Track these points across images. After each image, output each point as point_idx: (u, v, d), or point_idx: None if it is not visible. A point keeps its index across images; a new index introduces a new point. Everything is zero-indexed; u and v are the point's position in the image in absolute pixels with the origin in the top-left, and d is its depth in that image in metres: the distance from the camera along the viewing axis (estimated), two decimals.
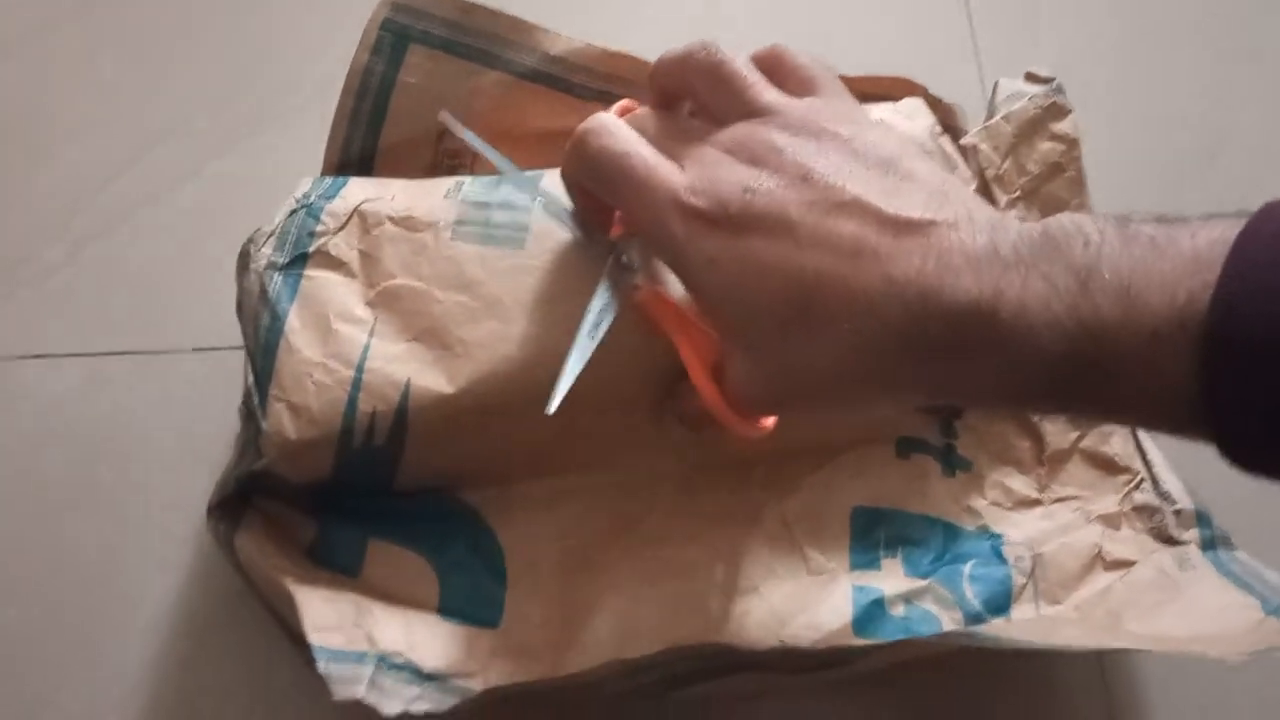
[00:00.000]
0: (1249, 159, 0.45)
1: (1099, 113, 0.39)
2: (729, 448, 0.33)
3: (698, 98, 0.30)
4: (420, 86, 0.33)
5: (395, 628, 0.30)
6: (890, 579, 0.32)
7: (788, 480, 0.34)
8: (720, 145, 0.28)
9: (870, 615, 0.31)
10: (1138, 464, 0.36)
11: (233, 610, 0.34)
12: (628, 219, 0.30)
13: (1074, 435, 0.36)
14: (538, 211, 0.32)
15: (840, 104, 0.29)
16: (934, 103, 0.37)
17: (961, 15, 0.48)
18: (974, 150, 0.36)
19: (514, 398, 0.29)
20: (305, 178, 0.34)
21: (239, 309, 0.32)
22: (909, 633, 0.31)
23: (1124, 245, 0.23)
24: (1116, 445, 0.36)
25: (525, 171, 0.32)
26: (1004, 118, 0.37)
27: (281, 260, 0.32)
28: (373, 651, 0.29)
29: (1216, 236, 0.22)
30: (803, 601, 0.31)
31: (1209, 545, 0.34)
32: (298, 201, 0.33)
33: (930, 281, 0.24)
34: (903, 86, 0.37)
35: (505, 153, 0.31)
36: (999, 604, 0.32)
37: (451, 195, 0.33)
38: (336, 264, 0.32)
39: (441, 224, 0.32)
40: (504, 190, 0.32)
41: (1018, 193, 0.37)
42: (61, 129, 0.42)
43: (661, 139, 0.29)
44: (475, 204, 0.32)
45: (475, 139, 0.31)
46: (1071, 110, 0.37)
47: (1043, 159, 0.37)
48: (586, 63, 0.35)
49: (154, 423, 0.37)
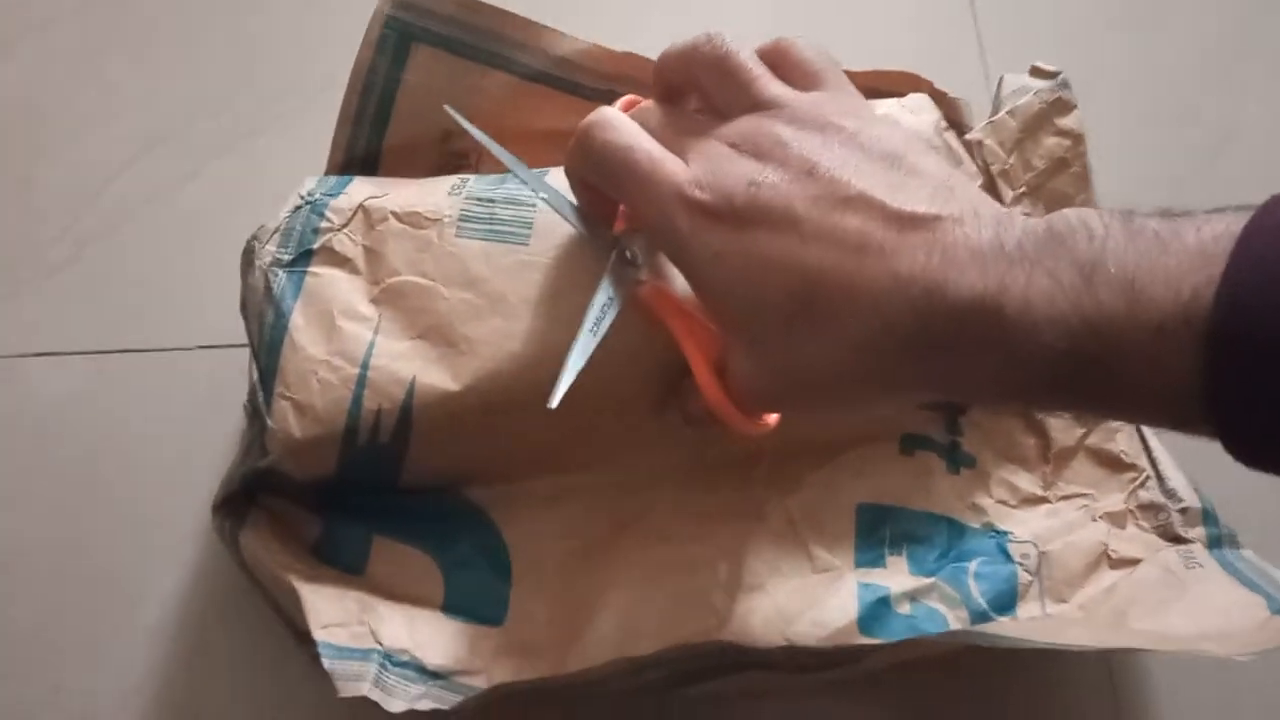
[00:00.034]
0: (1256, 154, 0.45)
1: (1105, 107, 0.39)
2: (732, 445, 0.33)
3: (703, 90, 0.29)
4: (425, 86, 0.33)
5: (400, 625, 0.30)
6: (896, 576, 0.32)
7: (791, 477, 0.34)
8: (725, 139, 0.27)
9: (876, 613, 0.31)
10: (1143, 461, 0.35)
11: (238, 607, 0.34)
12: (632, 214, 0.30)
13: (1080, 432, 0.36)
14: (542, 207, 0.31)
15: (845, 98, 0.29)
16: (939, 97, 0.37)
17: (966, 9, 0.47)
18: (979, 145, 0.36)
19: (519, 395, 0.29)
20: (310, 176, 0.34)
21: (243, 306, 0.32)
22: (915, 631, 0.31)
23: (1129, 240, 0.22)
24: (1122, 442, 0.36)
25: (530, 168, 0.32)
26: (1009, 112, 0.37)
27: (286, 257, 0.32)
28: (378, 649, 0.29)
29: (1221, 230, 0.21)
30: (808, 599, 0.31)
31: (1215, 543, 0.34)
32: (302, 198, 0.32)
33: (935, 277, 0.24)
34: (908, 81, 0.37)
35: (510, 150, 0.31)
36: (1005, 602, 0.32)
37: (456, 191, 0.32)
38: (341, 260, 0.32)
39: (446, 220, 0.32)
40: (508, 186, 0.32)
41: (1023, 188, 0.36)
42: (64, 128, 0.42)
43: (666, 133, 0.29)
44: (480, 200, 0.32)
45: (480, 133, 0.31)
46: (1076, 105, 0.37)
47: (1048, 154, 0.37)
48: (592, 63, 0.35)
49: (158, 420, 0.37)
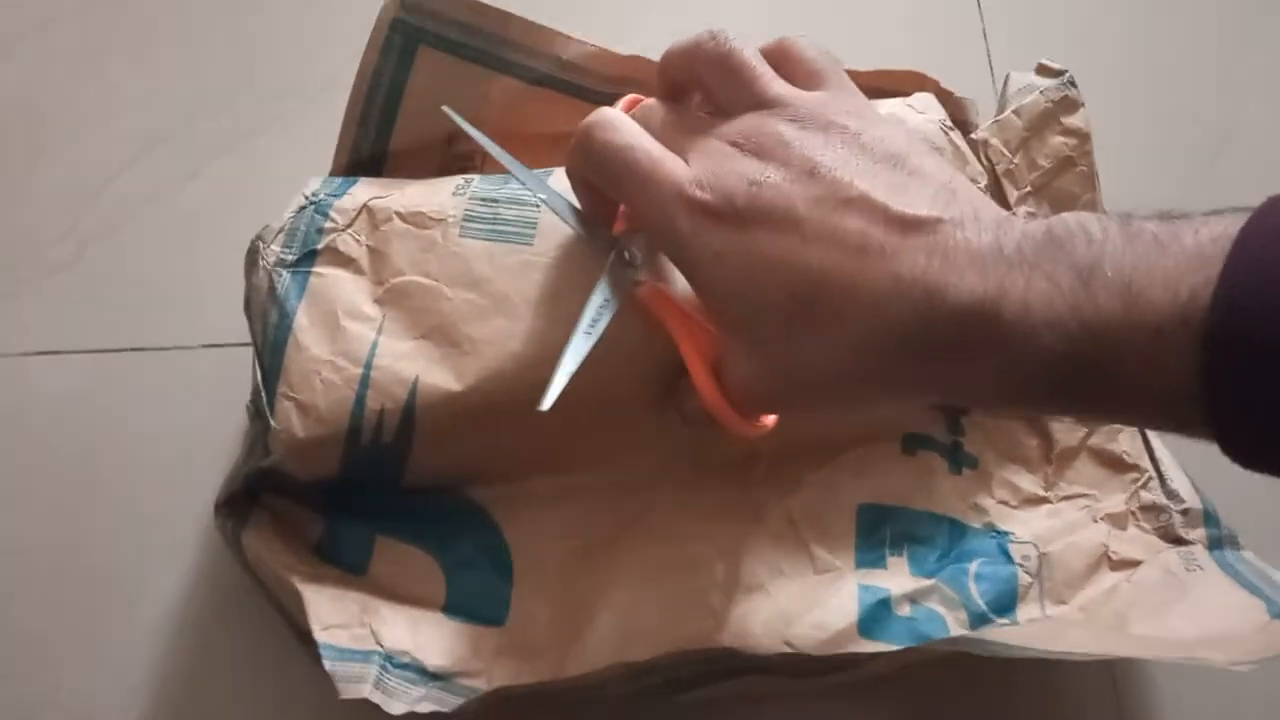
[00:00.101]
0: (1257, 153, 0.45)
1: (1110, 106, 0.39)
2: (732, 445, 0.33)
3: (705, 88, 0.29)
4: (430, 89, 0.33)
5: (401, 626, 0.30)
6: (896, 578, 0.32)
7: (791, 477, 0.34)
8: (726, 137, 0.27)
9: (876, 616, 0.31)
10: (1146, 462, 0.35)
11: (239, 607, 0.34)
12: (632, 214, 0.30)
13: (1082, 433, 0.36)
14: (545, 207, 0.31)
15: (848, 98, 0.29)
16: (945, 96, 0.37)
17: (972, 7, 0.47)
18: (984, 144, 0.36)
19: (522, 395, 0.29)
20: (314, 177, 0.34)
21: (246, 306, 0.32)
22: (914, 633, 0.31)
23: (1127, 242, 0.22)
24: (1125, 443, 0.36)
25: (532, 169, 0.32)
26: (1015, 111, 0.36)
27: (290, 257, 0.32)
28: (379, 650, 0.29)
29: (1219, 232, 0.21)
30: (809, 601, 0.31)
31: (1216, 545, 0.34)
32: (306, 199, 0.33)
33: (936, 280, 0.24)
34: (914, 80, 0.37)
35: (516, 155, 0.31)
36: (1005, 604, 0.32)
37: (460, 192, 0.32)
38: (345, 261, 0.32)
39: (450, 220, 0.32)
40: (512, 186, 0.32)
41: (1028, 187, 0.36)
42: (64, 128, 0.42)
43: (667, 131, 0.29)
44: (484, 200, 0.32)
45: (479, 134, 0.31)
46: (1083, 104, 0.37)
47: (1054, 153, 0.37)
48: (598, 66, 0.35)
49: (158, 420, 0.37)
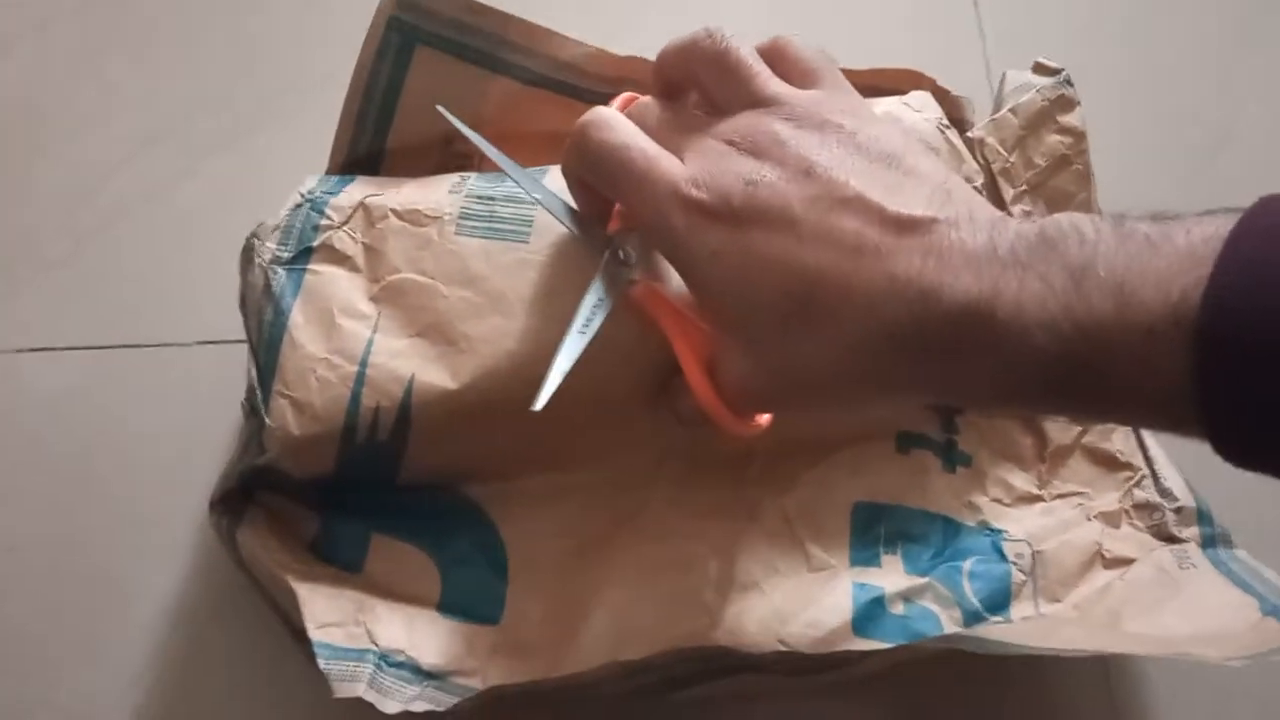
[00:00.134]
0: (1256, 153, 0.45)
1: (1106, 106, 0.39)
2: (727, 443, 0.33)
3: (701, 86, 0.29)
4: (428, 89, 0.32)
5: (396, 624, 0.30)
6: (890, 576, 0.32)
7: (786, 476, 0.34)
8: (722, 136, 0.27)
9: (870, 614, 0.31)
10: (1139, 460, 0.35)
11: (234, 605, 0.34)
12: (627, 212, 0.30)
13: (1076, 431, 0.36)
14: (540, 205, 0.31)
15: (843, 97, 0.29)
16: (941, 95, 0.37)
17: (969, 5, 0.47)
18: (981, 143, 0.36)
19: (517, 393, 0.29)
20: (311, 175, 0.34)
21: (242, 303, 0.32)
22: (908, 631, 0.31)
23: (1119, 243, 0.23)
24: (1118, 441, 0.36)
25: (528, 168, 0.32)
26: (1011, 110, 0.36)
27: (285, 254, 0.32)
28: (373, 649, 0.29)
29: (1211, 233, 0.21)
30: (803, 599, 0.31)
31: (1209, 543, 0.34)
32: (302, 196, 0.33)
33: (931, 280, 0.24)
34: (910, 79, 0.37)
35: (513, 154, 0.31)
36: (998, 602, 0.32)
37: (456, 190, 0.32)
38: (340, 258, 0.32)
39: (446, 218, 0.32)
40: (509, 184, 0.32)
41: (1024, 186, 0.36)
42: (63, 125, 0.42)
43: (663, 130, 0.29)
44: (480, 198, 0.32)
45: (472, 133, 0.31)
46: (1079, 103, 0.37)
47: (1050, 152, 0.37)
48: (596, 67, 0.34)
49: (155, 416, 0.37)
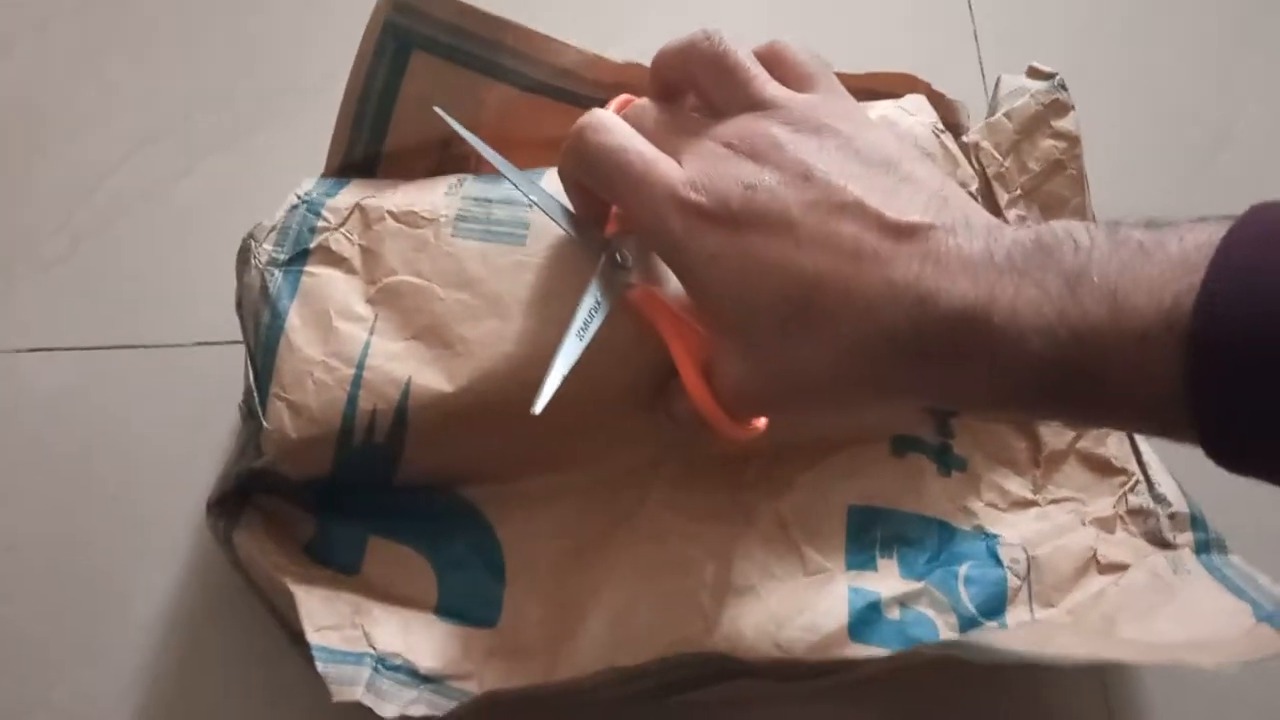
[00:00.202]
0: (1255, 153, 0.45)
1: (1104, 107, 0.39)
2: (722, 446, 0.33)
3: (699, 88, 0.29)
4: (425, 94, 0.32)
5: (393, 627, 0.30)
6: (886, 581, 0.32)
7: (782, 479, 0.34)
8: (720, 139, 0.28)
9: (866, 619, 0.31)
10: (1133, 466, 0.36)
11: (232, 606, 0.34)
12: (625, 215, 0.30)
13: (1070, 436, 0.36)
14: (537, 208, 0.31)
15: (839, 101, 0.29)
16: (936, 99, 0.37)
17: (963, 8, 0.47)
18: (975, 148, 0.36)
19: (513, 396, 0.29)
20: (308, 178, 0.33)
21: (239, 305, 0.32)
22: (903, 636, 0.31)
23: (1113, 250, 0.23)
24: (1113, 447, 0.36)
25: (524, 170, 0.32)
26: (1006, 114, 0.37)
27: (282, 256, 0.32)
28: (371, 652, 0.29)
29: (1203, 240, 0.22)
30: (799, 603, 0.31)
31: (1203, 548, 0.34)
32: (299, 198, 0.32)
33: (928, 285, 0.24)
34: (906, 83, 0.37)
35: (510, 159, 0.31)
36: (994, 607, 0.32)
37: (453, 191, 0.32)
38: (337, 260, 0.32)
39: (443, 220, 0.32)
40: (505, 186, 0.32)
41: (1019, 190, 0.37)
42: (61, 124, 0.42)
43: (660, 132, 0.29)
44: (476, 200, 0.32)
45: (471, 136, 0.31)
46: (1073, 107, 0.37)
47: (1044, 156, 0.37)
48: (593, 73, 0.34)
49: (153, 417, 0.37)
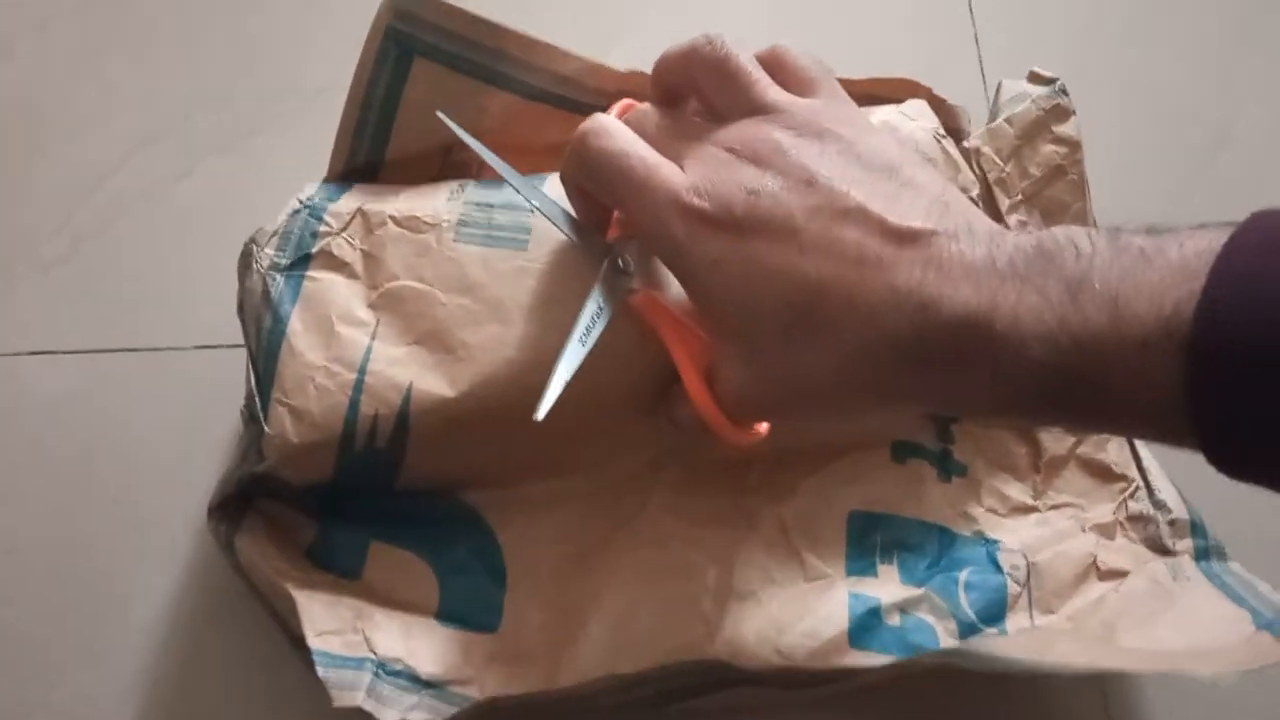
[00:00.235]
0: (1256, 154, 0.45)
1: (1105, 108, 0.39)
2: (724, 451, 0.33)
3: (701, 93, 0.29)
4: (427, 102, 0.32)
5: (394, 632, 0.30)
6: (886, 587, 0.32)
7: (784, 484, 0.34)
8: (722, 144, 0.28)
9: (866, 625, 0.31)
10: (1133, 472, 0.36)
11: (232, 609, 0.34)
12: (627, 220, 0.30)
13: (1070, 442, 0.36)
14: (539, 213, 0.31)
15: (841, 106, 0.29)
16: (938, 104, 0.37)
17: (964, 12, 0.47)
18: (977, 153, 0.36)
19: (515, 401, 0.29)
20: (310, 183, 0.33)
21: (240, 309, 0.32)
22: (903, 642, 0.31)
23: (1114, 256, 0.23)
24: (1113, 453, 0.36)
25: (527, 175, 0.32)
26: (1007, 120, 0.37)
27: (284, 261, 0.32)
28: (372, 657, 0.29)
29: (1204, 247, 0.22)
30: (800, 610, 0.32)
31: (1202, 555, 0.34)
32: (301, 202, 0.32)
33: (931, 291, 0.24)
34: (907, 88, 0.37)
35: (512, 165, 0.31)
36: (994, 613, 0.33)
37: (455, 196, 0.32)
38: (339, 265, 0.32)
39: (445, 225, 0.32)
40: (506, 191, 0.32)
41: (1020, 196, 0.37)
42: (61, 126, 0.41)
43: (662, 137, 0.29)
44: (478, 205, 0.32)
45: (474, 141, 0.31)
46: (1074, 112, 0.37)
47: (1045, 161, 0.37)
48: (595, 81, 0.34)
49: (153, 420, 0.37)
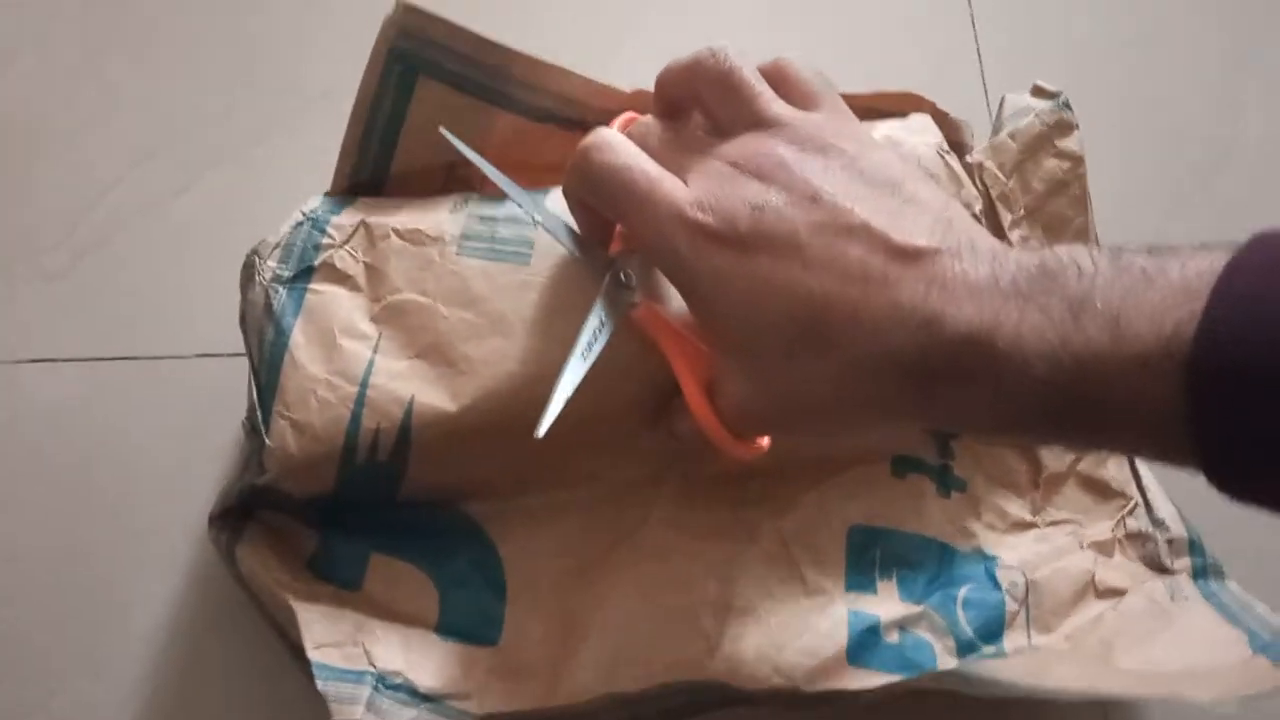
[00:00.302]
0: (1257, 169, 0.45)
1: (1106, 123, 0.39)
2: (725, 464, 0.33)
3: (704, 106, 0.29)
4: (431, 121, 0.32)
5: (394, 646, 0.30)
6: (885, 604, 0.32)
7: (784, 497, 0.34)
8: (726, 158, 0.28)
9: (864, 642, 0.31)
10: (1133, 489, 0.36)
11: (233, 618, 0.34)
12: (630, 234, 0.30)
13: (1070, 459, 0.36)
14: (541, 227, 0.31)
15: (844, 121, 0.29)
16: (941, 118, 0.37)
17: (966, 26, 0.47)
18: (980, 168, 0.36)
19: (517, 415, 0.29)
20: (313, 195, 0.33)
21: (242, 320, 0.32)
22: (902, 660, 0.31)
23: (1115, 276, 0.23)
24: (1112, 470, 0.36)
25: (530, 190, 0.32)
26: (1010, 134, 0.37)
27: (287, 273, 0.31)
28: (371, 670, 0.29)
29: (1205, 267, 0.22)
30: (799, 626, 0.32)
31: (1200, 573, 0.34)
32: (304, 214, 0.32)
33: (934, 309, 0.24)
34: (911, 102, 0.37)
35: (515, 180, 0.31)
36: (992, 631, 0.33)
37: (458, 210, 0.32)
38: (342, 277, 0.32)
39: (448, 238, 0.31)
40: (509, 205, 0.32)
41: (1022, 211, 0.37)
42: (63, 136, 0.41)
43: (665, 150, 0.29)
44: (481, 218, 0.32)
45: (477, 157, 0.31)
46: (1077, 126, 0.37)
47: (1048, 176, 0.37)
48: (603, 102, 0.34)
49: (154, 429, 0.37)
